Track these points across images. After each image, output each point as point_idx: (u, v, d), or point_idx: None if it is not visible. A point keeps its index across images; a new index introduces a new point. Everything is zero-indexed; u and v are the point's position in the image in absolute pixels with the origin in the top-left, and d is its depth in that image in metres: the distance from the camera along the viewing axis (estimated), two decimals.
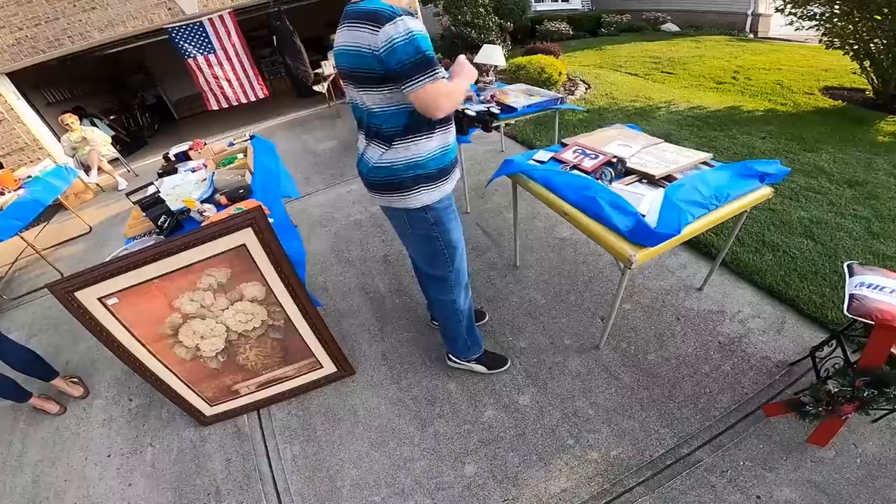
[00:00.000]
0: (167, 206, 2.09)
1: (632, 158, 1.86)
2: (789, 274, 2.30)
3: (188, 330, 1.74)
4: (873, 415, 1.59)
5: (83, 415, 2.28)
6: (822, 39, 5.68)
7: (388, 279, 2.72)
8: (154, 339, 1.73)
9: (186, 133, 8.35)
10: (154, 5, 5.70)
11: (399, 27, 1.18)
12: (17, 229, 3.34)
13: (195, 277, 1.63)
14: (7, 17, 5.34)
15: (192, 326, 1.74)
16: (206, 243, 1.57)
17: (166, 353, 1.78)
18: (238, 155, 2.79)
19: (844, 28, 5.31)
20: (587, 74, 6.75)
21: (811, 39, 6.71)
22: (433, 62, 1.22)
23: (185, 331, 1.74)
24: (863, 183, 3.16)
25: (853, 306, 1.38)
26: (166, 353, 1.78)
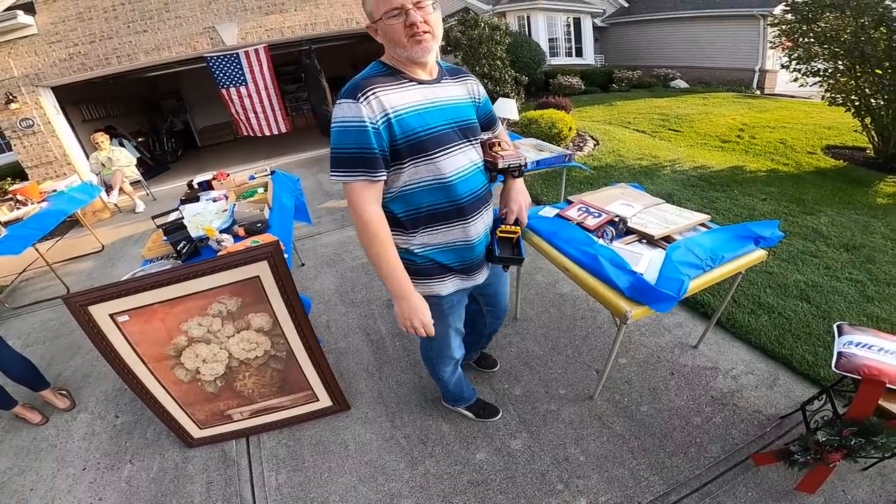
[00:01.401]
0: (188, 233, 2.16)
1: (633, 218, 1.95)
2: (784, 334, 2.35)
3: (191, 353, 1.78)
4: (863, 463, 1.62)
5: (65, 427, 2.30)
6: (825, 96, 5.90)
7: (390, 322, 2.77)
8: (156, 358, 1.77)
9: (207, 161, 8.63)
10: (198, 33, 6.00)
11: (336, 112, 1.14)
12: (34, 240, 3.41)
13: (207, 303, 1.68)
14: (66, 32, 5.57)
15: (195, 350, 1.78)
16: (223, 271, 1.63)
17: (166, 373, 1.81)
18: (258, 189, 2.93)
19: (847, 84, 5.52)
20: (596, 130, 6.97)
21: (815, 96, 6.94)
22: (348, 160, 1.13)
23: (188, 353, 1.78)
24: (859, 247, 3.24)
25: (841, 363, 1.45)
26: (166, 373, 1.81)
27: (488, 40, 8.32)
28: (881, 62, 5.00)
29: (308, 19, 6.41)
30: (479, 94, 1.41)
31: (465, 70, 1.41)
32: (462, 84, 1.35)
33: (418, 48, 1.13)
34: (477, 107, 1.40)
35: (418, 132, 1.17)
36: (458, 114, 1.27)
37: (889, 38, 4.81)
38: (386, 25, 1.12)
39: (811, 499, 1.59)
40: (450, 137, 1.23)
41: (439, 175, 1.23)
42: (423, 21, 1.10)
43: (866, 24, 4.92)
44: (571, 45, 14.59)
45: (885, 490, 1.61)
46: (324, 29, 6.52)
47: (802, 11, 5.57)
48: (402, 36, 1.11)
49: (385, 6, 1.09)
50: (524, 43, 11.12)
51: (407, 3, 1.08)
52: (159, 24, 5.83)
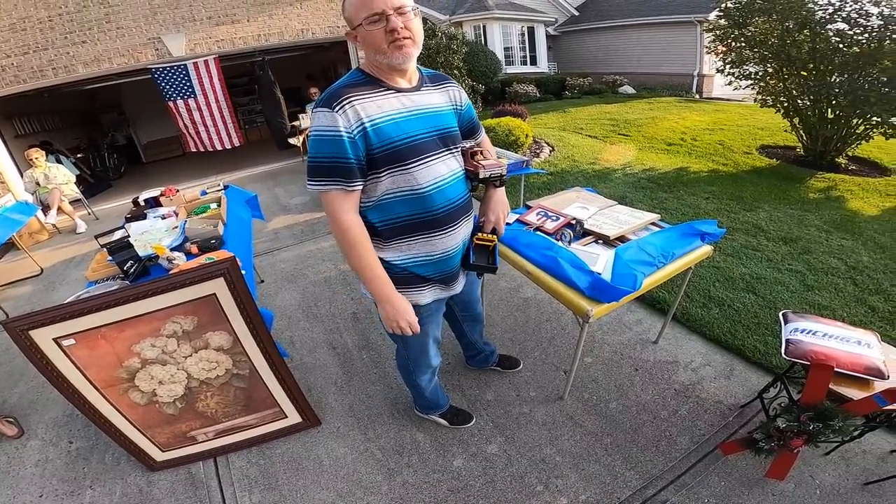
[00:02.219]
0: (135, 252, 2.07)
1: (589, 220, 2.03)
2: (735, 325, 2.49)
3: (146, 375, 1.70)
4: (824, 448, 1.72)
5: (15, 454, 2.14)
6: (756, 98, 6.33)
7: (356, 335, 2.73)
8: (108, 382, 1.68)
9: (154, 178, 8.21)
10: (142, 44, 5.74)
11: (312, 120, 1.15)
12: None
13: (159, 324, 1.61)
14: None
15: (150, 372, 1.70)
16: (175, 290, 1.57)
17: (119, 396, 1.72)
18: (211, 205, 2.82)
19: (776, 86, 5.94)
20: (552, 137, 7.19)
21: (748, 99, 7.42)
22: (324, 170, 1.13)
23: (142, 376, 1.70)
24: (797, 239, 3.49)
25: (789, 349, 1.54)
26: (119, 396, 1.72)
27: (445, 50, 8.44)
28: (806, 64, 5.43)
29: (261, 30, 6.28)
30: (461, 101, 1.40)
31: (447, 77, 1.40)
32: (443, 91, 1.33)
33: (399, 54, 1.12)
34: (459, 114, 1.39)
35: (395, 141, 1.15)
36: (439, 122, 1.26)
37: (812, 40, 5.22)
38: (366, 31, 1.10)
39: (782, 485, 1.67)
40: (429, 146, 1.22)
41: (411, 186, 1.21)
42: (403, 27, 1.10)
43: (791, 27, 5.32)
44: (526, 53, 15.02)
45: (850, 473, 1.71)
46: (278, 40, 6.41)
47: (733, 16, 5.96)
48: (383, 42, 1.10)
49: (365, 11, 1.08)
50: (480, 52, 11.34)
51: (388, 8, 1.07)
52: (99, 34, 5.56)
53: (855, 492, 1.65)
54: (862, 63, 4.96)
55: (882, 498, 1.62)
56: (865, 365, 1.47)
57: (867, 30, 4.93)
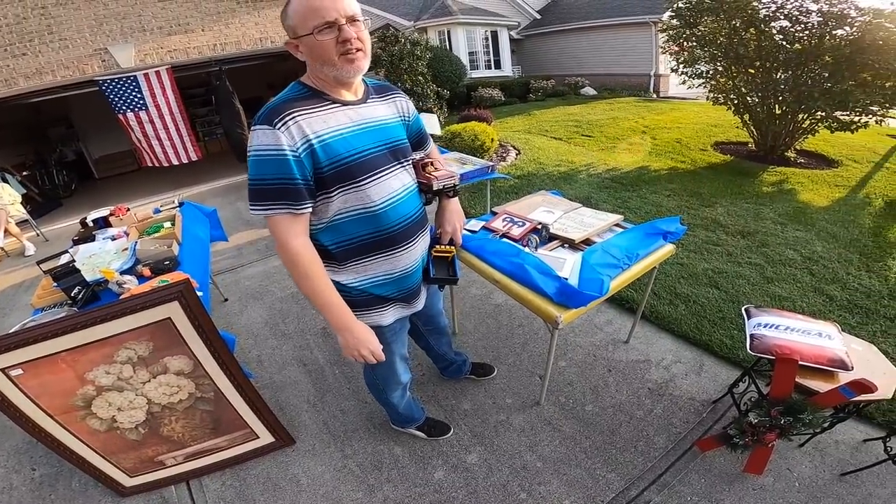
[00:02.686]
0: (82, 277, 1.96)
1: (554, 224, 2.03)
2: (701, 321, 2.55)
3: (103, 402, 1.63)
4: (798, 440, 1.76)
5: None
6: (709, 96, 6.58)
7: (327, 351, 2.66)
8: (63, 410, 1.61)
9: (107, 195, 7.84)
10: (88, 56, 5.50)
11: (252, 139, 1.05)
12: None
13: (112, 350, 1.55)
14: None
15: (107, 399, 1.63)
16: (126, 316, 1.49)
17: (77, 424, 1.65)
18: (165, 223, 2.69)
19: (726, 84, 6.19)
20: (517, 140, 7.28)
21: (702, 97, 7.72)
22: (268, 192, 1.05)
23: (99, 403, 1.63)
24: (754, 232, 3.63)
25: (754, 345, 1.57)
26: (77, 424, 1.65)
27: (409, 56, 8.41)
28: (753, 62, 5.68)
29: (217, 39, 6.10)
30: (409, 112, 1.35)
31: (393, 87, 1.34)
32: (391, 102, 1.28)
33: (350, 67, 1.07)
34: (407, 125, 1.34)
35: (345, 158, 1.09)
36: (388, 135, 1.21)
37: (758, 38, 5.47)
38: (315, 41, 1.03)
39: (761, 480, 1.70)
40: (380, 161, 1.17)
41: (364, 204, 1.15)
42: (356, 38, 1.04)
43: (738, 25, 5.56)
44: (490, 57, 15.19)
45: (826, 464, 1.76)
46: (235, 49, 6.25)
47: (685, 16, 6.18)
48: (333, 53, 1.04)
49: (315, 20, 1.01)
50: (445, 57, 11.38)
51: (340, 17, 1.01)
52: (41, 46, 5.30)
53: (833, 483, 1.69)
54: (804, 59, 5.22)
55: (860, 488, 1.67)
56: (829, 357, 1.51)
57: (808, 27, 5.20)
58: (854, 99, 4.86)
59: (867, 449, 1.81)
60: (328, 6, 1.01)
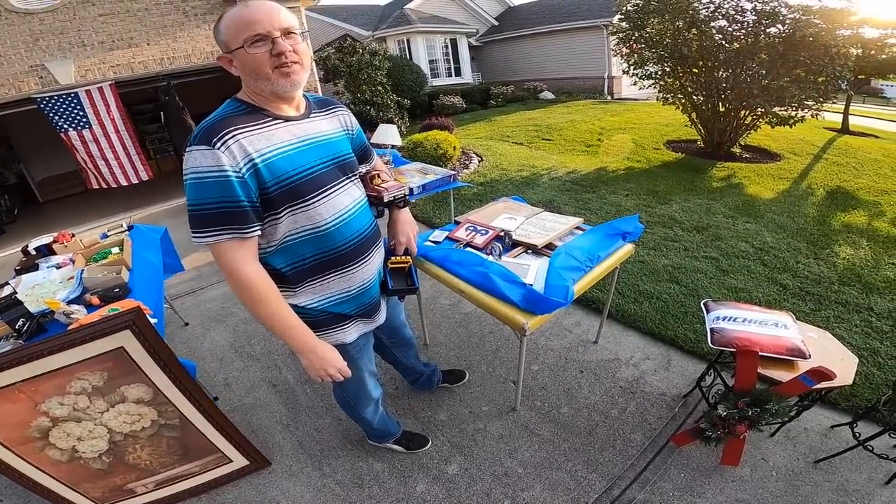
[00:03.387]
0: (26, 308, 1.88)
1: (517, 231, 2.04)
2: (665, 317, 2.63)
3: (60, 433, 1.55)
4: (768, 430, 1.82)
5: None
6: (658, 96, 6.85)
7: (297, 370, 2.58)
8: (20, 442, 1.53)
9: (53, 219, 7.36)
10: (24, 73, 5.17)
11: (188, 161, 0.98)
12: None
13: (63, 381, 1.47)
14: None
15: (64, 429, 1.55)
16: (74, 347, 1.42)
17: (36, 455, 1.57)
18: (113, 249, 2.54)
19: (673, 84, 6.46)
20: (479, 146, 7.35)
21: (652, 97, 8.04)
22: (211, 218, 0.98)
23: (56, 434, 1.55)
24: (707, 227, 3.78)
25: (715, 338, 1.62)
26: (36, 455, 1.57)
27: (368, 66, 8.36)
28: (696, 62, 5.96)
29: (164, 53, 5.87)
30: (352, 126, 1.34)
31: (334, 100, 1.33)
32: (333, 116, 1.26)
33: (285, 81, 1.02)
34: (351, 139, 1.32)
35: (292, 176, 1.05)
36: (334, 149, 1.18)
37: (700, 38, 5.73)
38: (247, 55, 0.99)
39: (738, 471, 1.75)
40: (328, 177, 1.14)
41: (319, 221, 1.12)
42: (291, 50, 1.01)
43: (681, 26, 5.81)
44: (451, 65, 15.33)
45: (798, 452, 1.83)
46: (184, 63, 6.02)
47: (633, 19, 6.42)
48: (267, 67, 1.00)
49: (247, 32, 0.97)
50: (405, 66, 11.40)
51: (273, 30, 0.98)
52: None
53: (808, 470, 1.76)
54: (742, 57, 5.52)
55: (835, 474, 1.73)
56: (787, 346, 1.56)
57: (744, 25, 5.50)
58: (790, 94, 5.17)
59: (835, 434, 1.89)
60: (261, 19, 0.98)
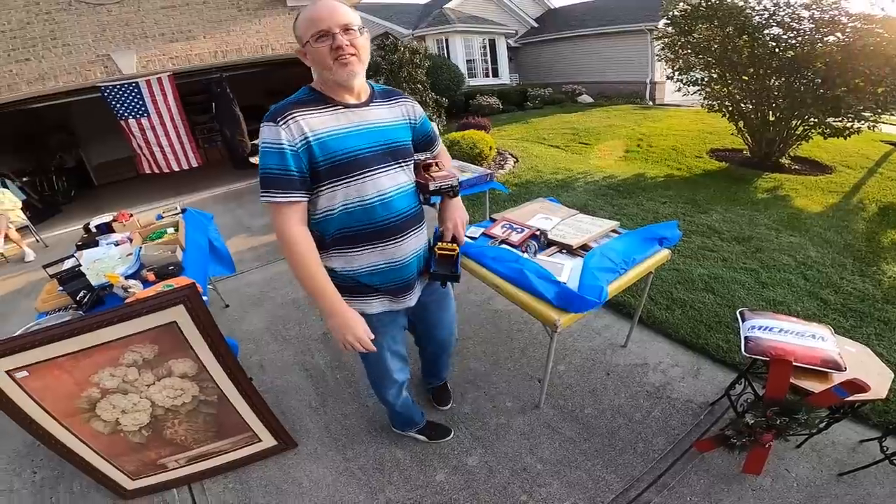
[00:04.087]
0: (87, 281, 2.00)
1: (552, 230, 2.07)
2: (697, 325, 2.59)
3: (107, 404, 1.64)
4: (795, 441, 1.78)
5: None
6: (704, 103, 6.64)
7: (328, 356, 2.68)
8: (68, 413, 1.62)
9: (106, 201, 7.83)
10: (91, 62, 5.52)
11: (260, 134, 1.18)
12: None
13: (117, 353, 1.56)
14: None
15: (111, 401, 1.64)
16: (131, 320, 1.52)
17: (81, 426, 1.66)
18: (168, 229, 2.72)
19: (720, 91, 6.24)
20: (515, 148, 7.33)
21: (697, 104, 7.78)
22: (270, 181, 1.17)
23: (103, 405, 1.64)
24: (749, 238, 3.67)
25: (749, 347, 1.60)
26: (81, 426, 1.66)
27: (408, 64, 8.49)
28: (746, 69, 5.75)
29: (218, 47, 6.15)
30: (415, 116, 1.41)
31: (400, 92, 1.42)
32: (396, 106, 1.35)
33: (343, 71, 1.16)
34: (413, 128, 1.41)
35: (339, 155, 1.19)
36: (387, 136, 1.29)
37: (751, 45, 5.53)
38: (313, 48, 1.15)
39: (759, 480, 1.73)
40: (374, 160, 1.25)
41: (359, 198, 1.25)
42: (349, 44, 1.14)
43: (731, 33, 5.63)
44: (488, 66, 15.31)
45: (823, 464, 1.79)
46: (236, 56, 6.29)
47: (680, 24, 6.26)
48: (328, 58, 1.14)
49: (313, 29, 1.13)
50: (443, 65, 11.48)
51: (333, 26, 1.12)
52: (44, 52, 5.30)
53: (830, 483, 1.72)
54: (797, 66, 5.29)
55: (857, 487, 1.69)
56: (822, 358, 1.54)
57: (800, 33, 5.28)
58: (846, 105, 4.93)
59: (864, 450, 1.83)
60: (323, 17, 1.12)
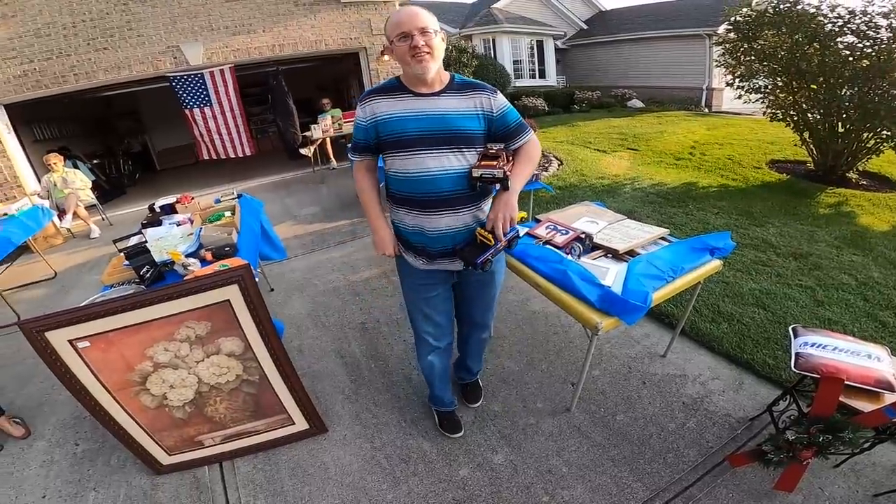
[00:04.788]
0: (151, 257, 2.11)
1: (598, 234, 2.05)
2: (744, 340, 2.48)
3: (157, 379, 1.72)
4: (834, 460, 1.70)
5: (20, 455, 2.16)
6: (766, 112, 6.29)
7: (364, 345, 2.75)
8: (120, 385, 1.70)
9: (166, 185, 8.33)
10: (161, 52, 5.88)
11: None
12: None
13: (173, 328, 1.64)
14: (22, 48, 5.33)
15: (162, 375, 1.72)
16: (190, 296, 1.59)
17: (130, 399, 1.75)
18: (226, 213, 2.88)
19: (785, 99, 5.90)
20: (560, 151, 7.23)
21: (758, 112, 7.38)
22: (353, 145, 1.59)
23: (154, 379, 1.72)
24: (806, 255, 3.47)
25: (799, 363, 1.54)
26: (130, 399, 1.75)
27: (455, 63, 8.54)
28: (816, 77, 5.41)
29: (276, 40, 6.40)
30: (492, 108, 1.49)
31: (482, 84, 1.52)
32: (470, 98, 1.47)
33: (418, 66, 1.35)
34: (487, 118, 1.49)
35: (393, 134, 1.44)
36: (449, 123, 1.42)
37: (822, 53, 5.21)
38: (396, 46, 1.37)
39: (790, 497, 1.66)
40: (421, 142, 1.42)
41: (404, 170, 1.47)
42: (424, 44, 1.33)
43: (801, 40, 5.32)
44: (535, 66, 15.15)
45: (860, 485, 1.70)
46: (291, 51, 6.53)
47: (743, 30, 5.97)
48: (407, 56, 1.35)
49: (396, 31, 1.35)
50: (490, 65, 11.46)
51: (413, 29, 1.33)
52: (121, 42, 5.68)
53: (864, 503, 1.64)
54: (871, 76, 4.94)
55: None
56: (876, 378, 1.46)
57: (876, 42, 4.92)
58: None
59: None
60: (405, 21, 1.35)
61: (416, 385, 2.35)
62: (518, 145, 1.57)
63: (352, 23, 6.90)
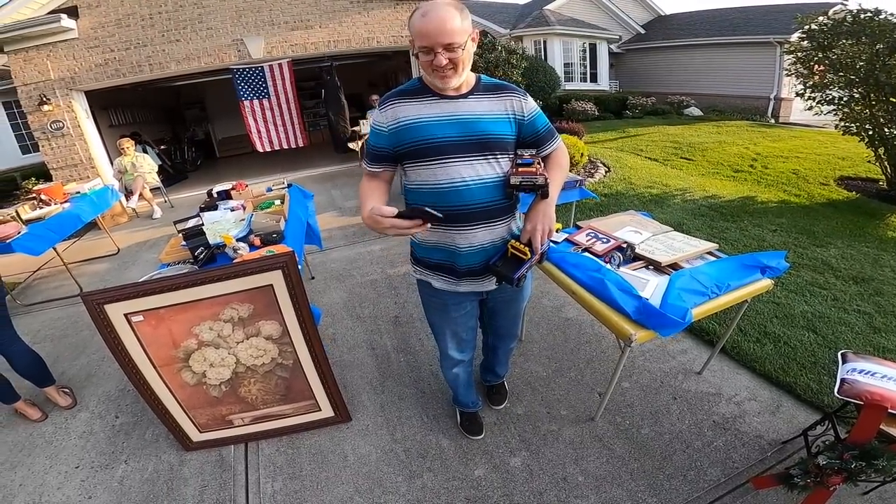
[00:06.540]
0: (206, 239, 2.22)
1: (641, 245, 1.99)
2: (789, 363, 2.34)
3: (200, 357, 1.81)
4: (863, 487, 1.60)
5: (63, 424, 2.32)
6: (839, 125, 5.86)
7: (396, 339, 2.80)
8: (165, 361, 1.80)
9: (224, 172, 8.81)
10: (227, 45, 6.18)
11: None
12: (54, 242, 3.48)
13: (219, 308, 1.73)
14: (104, 38, 5.73)
15: (204, 354, 1.81)
16: (237, 278, 1.68)
17: (172, 375, 1.85)
18: (275, 201, 3.02)
19: (861, 112, 5.49)
20: (608, 157, 7.02)
21: (829, 125, 6.87)
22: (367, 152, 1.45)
23: (196, 357, 1.81)
24: (869, 279, 3.22)
25: (843, 389, 1.46)
26: (172, 375, 1.85)
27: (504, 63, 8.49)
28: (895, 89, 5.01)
29: (331, 36, 6.59)
30: (523, 111, 1.39)
31: (511, 86, 1.41)
32: (499, 100, 1.35)
33: (439, 82, 1.26)
34: (518, 122, 1.38)
35: (419, 141, 1.30)
36: (479, 128, 1.30)
37: None
38: (418, 52, 1.25)
39: None
40: (454, 148, 1.29)
41: (433, 181, 1.33)
42: (447, 62, 1.20)
43: (881, 50, 4.94)
44: (586, 70, 14.81)
45: None
46: (345, 46, 6.71)
47: (818, 39, 5.61)
48: (429, 69, 1.25)
49: (419, 42, 1.21)
50: (540, 67, 11.32)
51: (436, 45, 1.18)
52: (192, 34, 6.02)
53: None
54: None
55: None
56: None
57: None
58: None
59: None
60: (430, 34, 1.18)
61: (443, 382, 2.37)
62: (548, 152, 1.48)
63: (403, 21, 7.00)
